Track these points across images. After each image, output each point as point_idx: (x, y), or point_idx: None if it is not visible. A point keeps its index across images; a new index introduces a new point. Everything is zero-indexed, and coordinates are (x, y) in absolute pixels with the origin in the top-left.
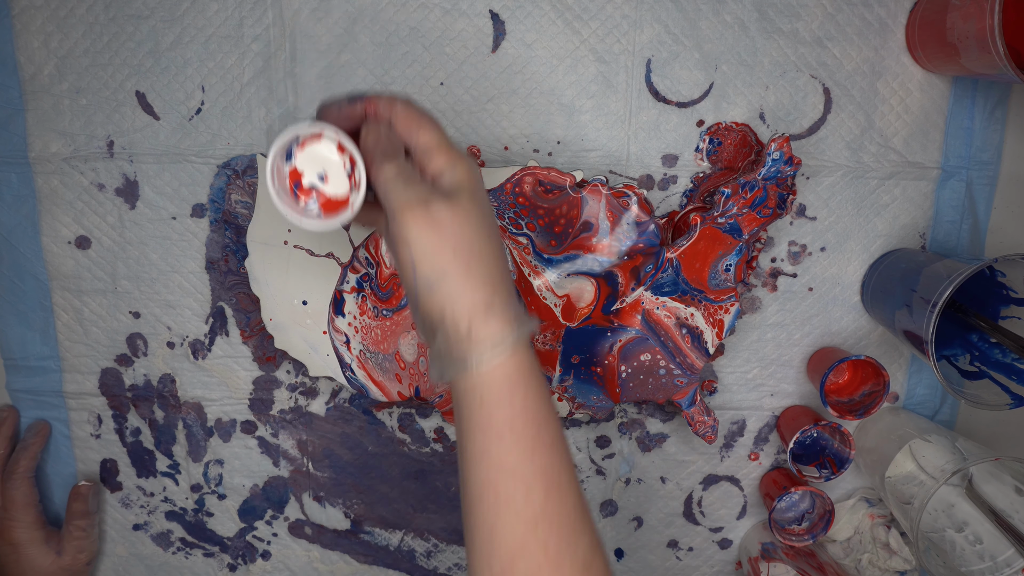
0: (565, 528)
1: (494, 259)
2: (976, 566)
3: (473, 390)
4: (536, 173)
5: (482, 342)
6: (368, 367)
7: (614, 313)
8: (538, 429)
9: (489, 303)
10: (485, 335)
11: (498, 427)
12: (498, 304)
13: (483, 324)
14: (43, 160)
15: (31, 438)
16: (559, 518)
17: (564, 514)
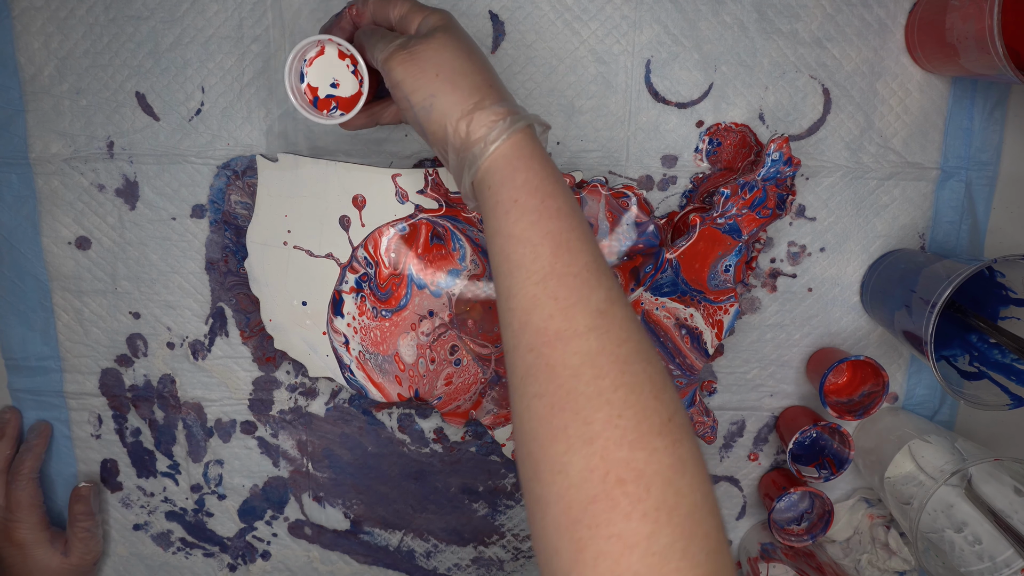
0: (577, 280)
1: (477, 72)
2: (975, 566)
3: (482, 182)
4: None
5: (480, 138)
6: (367, 368)
7: None
8: (542, 199)
9: (478, 105)
10: (481, 131)
11: (504, 204)
12: (488, 103)
13: (478, 123)
14: (43, 161)
15: (34, 439)
16: (568, 274)
17: (574, 271)
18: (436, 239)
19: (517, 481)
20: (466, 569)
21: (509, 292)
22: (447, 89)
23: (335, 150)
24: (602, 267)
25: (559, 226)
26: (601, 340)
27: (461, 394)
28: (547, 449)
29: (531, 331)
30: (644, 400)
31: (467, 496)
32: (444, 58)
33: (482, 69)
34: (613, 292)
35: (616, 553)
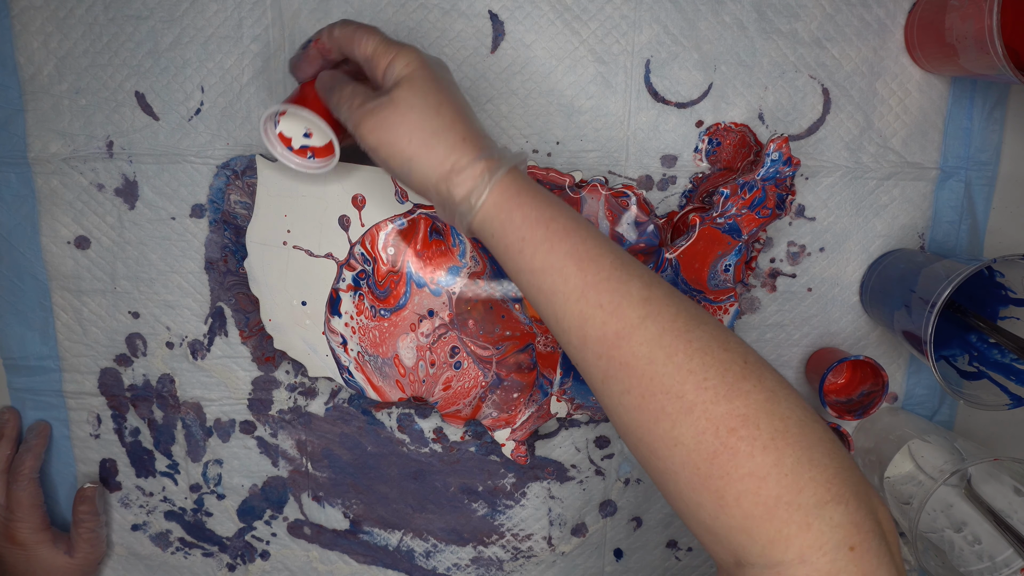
0: (611, 282)
1: (449, 127)
2: (975, 566)
3: (481, 231)
4: (535, 173)
5: (464, 197)
6: (367, 370)
7: None
8: (546, 226)
9: (456, 165)
10: (463, 190)
11: (514, 245)
12: (465, 162)
13: (459, 184)
14: (42, 160)
15: (33, 439)
16: (601, 279)
17: (604, 275)
18: (435, 234)
19: (517, 481)
20: (465, 569)
21: (556, 317)
22: (422, 153)
23: None
24: (625, 259)
25: (572, 243)
26: (657, 323)
27: (460, 398)
28: (654, 431)
29: (592, 341)
30: (718, 355)
31: (467, 496)
32: (414, 120)
33: (454, 122)
34: (645, 276)
35: (754, 488)
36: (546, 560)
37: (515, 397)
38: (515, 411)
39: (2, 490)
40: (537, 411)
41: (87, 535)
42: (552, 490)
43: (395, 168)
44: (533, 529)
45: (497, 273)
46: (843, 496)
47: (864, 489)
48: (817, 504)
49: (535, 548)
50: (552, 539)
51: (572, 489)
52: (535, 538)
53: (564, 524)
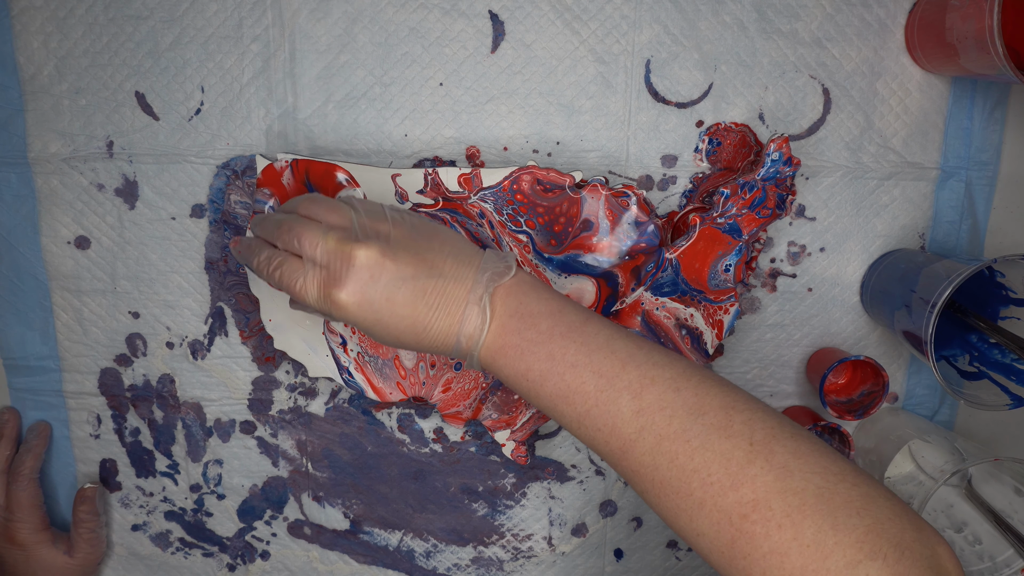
0: (600, 407)
1: (409, 303)
2: (975, 566)
3: (488, 367)
4: (535, 173)
5: (458, 353)
6: (367, 371)
7: (614, 314)
8: (526, 379)
9: (426, 339)
10: (456, 353)
11: (522, 374)
12: (435, 332)
13: (448, 350)
14: (43, 160)
15: (33, 439)
16: (590, 408)
17: (591, 404)
18: None
19: (517, 481)
20: (466, 569)
21: (572, 433)
22: (407, 338)
23: (335, 150)
24: (611, 371)
25: (554, 383)
26: (653, 432)
27: (460, 400)
28: (676, 524)
29: (604, 455)
30: (719, 447)
31: (467, 496)
32: (369, 315)
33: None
34: (635, 383)
35: (777, 563)
36: (546, 560)
37: (515, 399)
38: (516, 412)
39: (2, 490)
40: (537, 412)
41: (87, 535)
42: (552, 490)
43: (376, 338)
44: (533, 529)
45: None
46: (879, 551)
47: (912, 537)
48: (848, 565)
49: (535, 548)
50: (552, 539)
51: (572, 489)
52: (535, 538)
53: (564, 524)
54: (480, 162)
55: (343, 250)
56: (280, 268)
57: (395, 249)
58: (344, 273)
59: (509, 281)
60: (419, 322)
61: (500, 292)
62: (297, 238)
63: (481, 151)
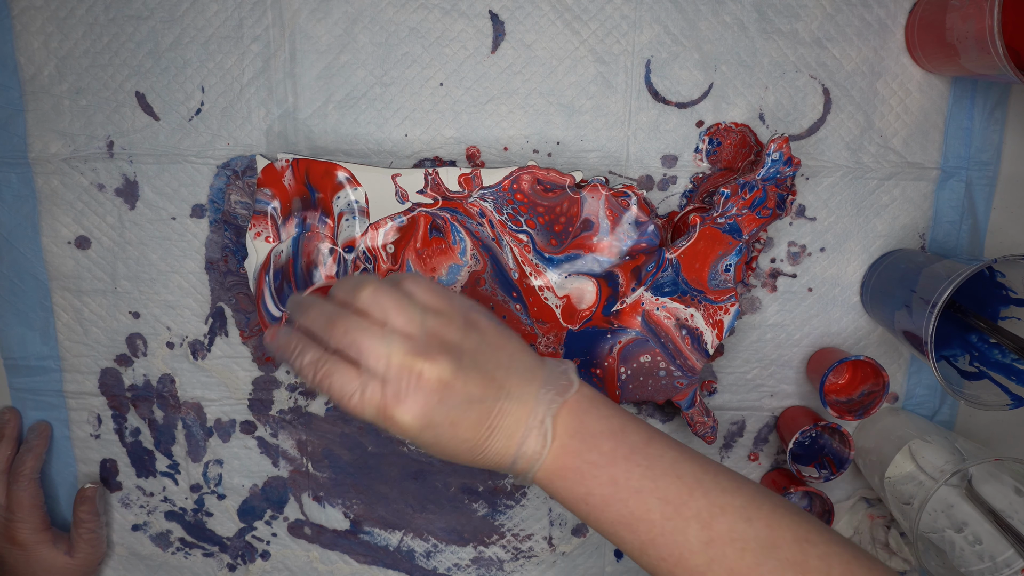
0: (666, 536)
1: (472, 427)
2: (975, 566)
3: (545, 487)
4: (535, 173)
5: (513, 472)
6: None
7: (614, 314)
8: (586, 503)
9: (481, 459)
10: (512, 472)
11: (582, 498)
12: (493, 453)
13: (504, 469)
14: (43, 160)
15: (34, 439)
16: (656, 536)
17: (657, 532)
18: (435, 232)
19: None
20: (466, 569)
21: (634, 560)
22: (462, 457)
23: (335, 150)
24: (679, 498)
25: (616, 510)
26: (723, 564)
27: None
28: None
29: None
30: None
31: (467, 496)
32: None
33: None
34: (704, 512)
35: None
36: (546, 560)
37: None
38: None
39: (3, 490)
40: None
41: (87, 535)
42: None
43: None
44: (533, 529)
45: (498, 272)
46: None
47: None
48: None
49: (535, 548)
50: (552, 539)
51: None
52: (535, 538)
53: (564, 524)
54: (480, 162)
55: (411, 367)
56: (331, 377)
57: (466, 368)
58: (409, 393)
59: (571, 398)
60: (479, 444)
61: (561, 410)
62: (356, 346)
63: (481, 151)
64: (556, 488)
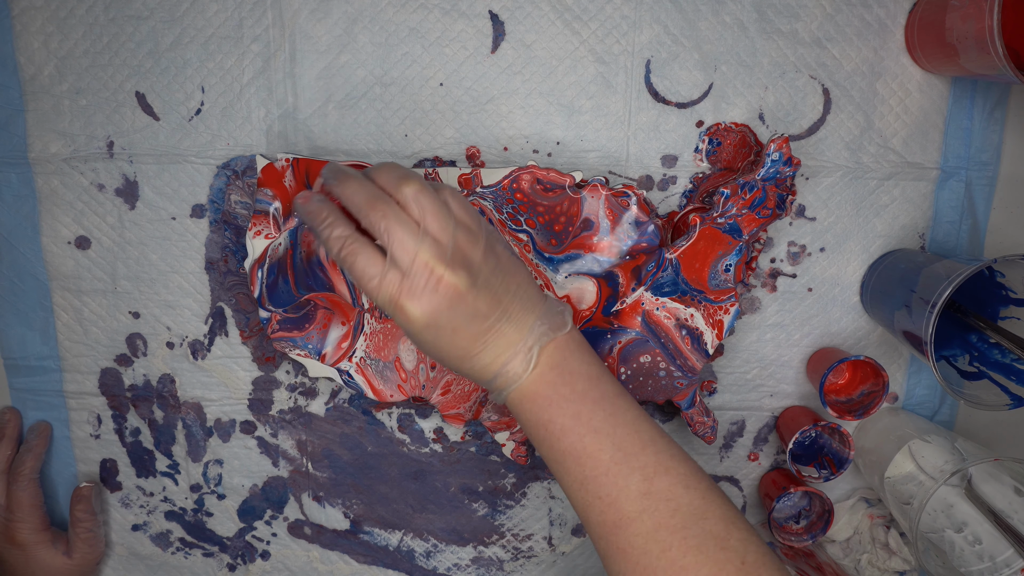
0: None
1: (470, 338)
2: (975, 566)
3: (512, 407)
4: (535, 173)
5: (490, 386)
6: (367, 374)
7: (614, 315)
8: (545, 430)
9: (466, 366)
10: (489, 386)
11: (544, 424)
12: (479, 364)
13: (482, 381)
14: (43, 160)
15: (34, 439)
16: (599, 474)
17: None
18: None
19: (517, 481)
20: (466, 569)
21: (566, 494)
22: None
23: (335, 150)
24: (631, 448)
25: (570, 441)
26: (654, 518)
27: (460, 402)
28: None
29: (593, 524)
30: (713, 555)
31: (467, 496)
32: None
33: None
34: (649, 467)
35: None
36: (546, 560)
37: None
38: None
39: (2, 490)
40: None
41: (84, 535)
42: (552, 490)
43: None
44: (533, 529)
45: None
46: None
47: None
48: None
49: (535, 548)
50: (552, 539)
51: None
52: (535, 538)
53: (564, 524)
54: (480, 162)
55: (434, 269)
56: (356, 256)
57: (479, 286)
58: (426, 291)
59: (560, 336)
60: (469, 353)
61: (549, 344)
62: (390, 233)
63: (481, 151)
64: (523, 409)
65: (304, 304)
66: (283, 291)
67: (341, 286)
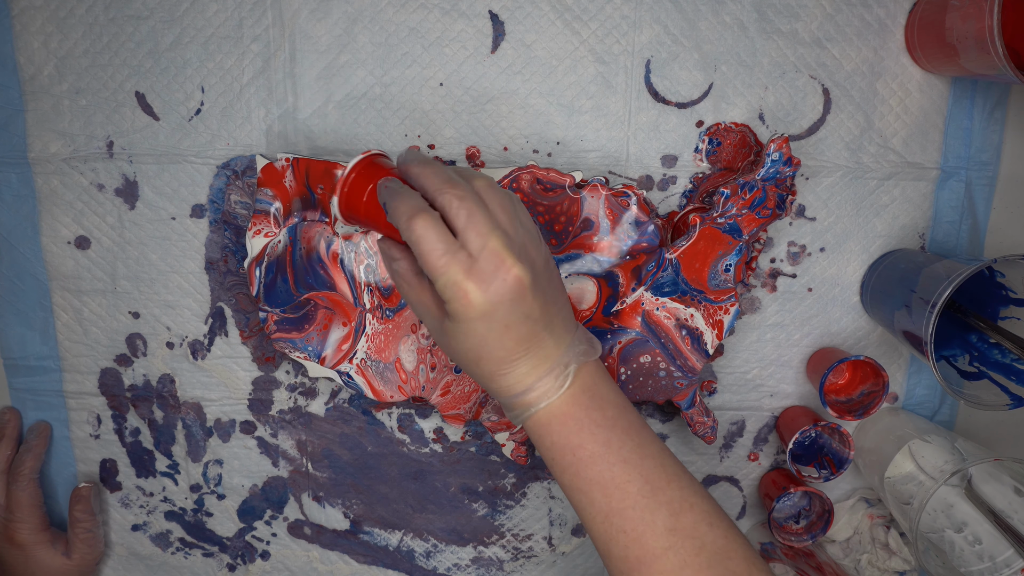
0: (636, 511)
1: (517, 340)
2: (975, 566)
3: (538, 428)
4: (535, 172)
5: (518, 403)
6: (368, 375)
7: (614, 315)
8: (573, 455)
9: (499, 375)
10: (515, 402)
11: (546, 457)
12: (513, 376)
13: (509, 396)
14: (43, 160)
15: (34, 439)
16: (626, 507)
17: (629, 503)
18: None
19: (517, 481)
20: (466, 569)
21: (586, 527)
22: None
23: (335, 150)
24: (658, 482)
25: (599, 470)
26: (679, 555)
27: (461, 403)
28: None
29: (615, 559)
30: None
31: (467, 496)
32: (460, 348)
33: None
34: (675, 502)
35: None
36: (546, 560)
37: None
38: None
39: (2, 491)
40: None
41: (83, 535)
42: (552, 490)
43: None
44: (533, 529)
45: None
46: None
47: None
48: None
49: (535, 548)
50: (552, 539)
51: None
52: (535, 538)
53: (564, 524)
54: (480, 162)
55: (505, 258)
56: (428, 228)
57: (536, 286)
58: (495, 279)
59: (591, 362)
60: (509, 360)
61: (583, 367)
62: (467, 213)
63: (481, 151)
64: (551, 430)
65: (303, 304)
66: (281, 290)
67: (342, 284)
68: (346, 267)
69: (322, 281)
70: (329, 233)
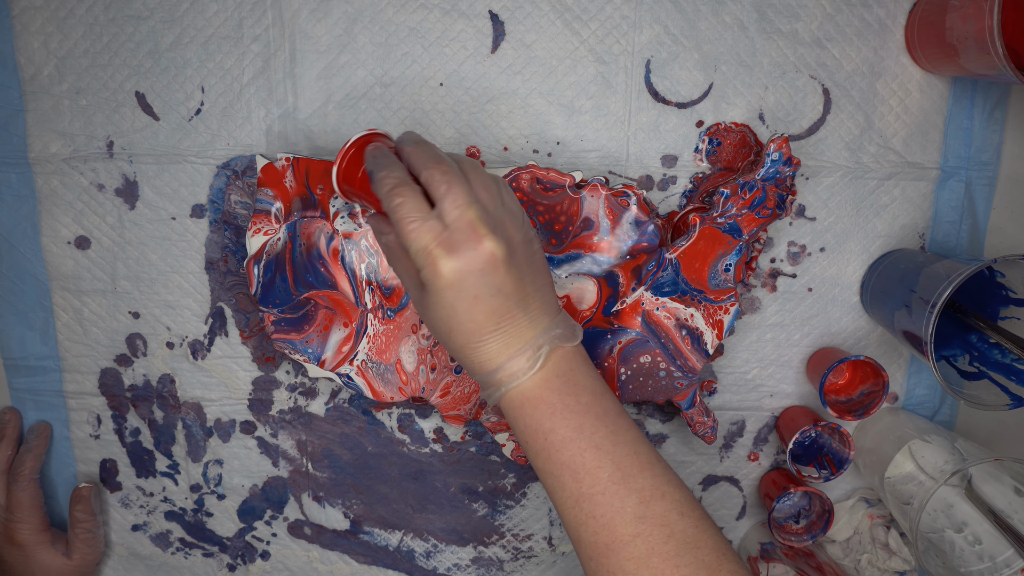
0: (606, 497)
1: (487, 313)
2: (975, 566)
3: (511, 410)
4: (535, 172)
5: (490, 382)
6: (368, 376)
7: (614, 315)
8: (545, 439)
9: (472, 350)
10: (488, 380)
11: (520, 439)
12: (485, 351)
13: (482, 373)
14: (43, 160)
15: (34, 440)
16: (596, 493)
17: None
18: None
19: (517, 481)
20: (466, 569)
21: (558, 512)
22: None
23: (335, 150)
24: (630, 469)
25: (571, 454)
26: (648, 543)
27: (460, 404)
28: None
29: (584, 545)
30: None
31: (467, 496)
32: (437, 317)
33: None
34: (647, 490)
35: None
36: (546, 560)
37: None
38: None
39: (2, 491)
40: None
41: (84, 535)
42: None
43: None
44: (533, 529)
45: None
46: None
47: None
48: None
49: (535, 548)
50: (552, 539)
51: None
52: (535, 538)
53: None
54: (480, 162)
55: (478, 229)
56: (404, 198)
57: (511, 262)
58: (464, 249)
59: (569, 347)
60: (480, 333)
61: (558, 351)
62: (447, 185)
63: (481, 151)
64: (524, 413)
65: (303, 304)
66: (281, 289)
67: (343, 282)
68: (347, 264)
69: (322, 279)
70: (329, 229)
